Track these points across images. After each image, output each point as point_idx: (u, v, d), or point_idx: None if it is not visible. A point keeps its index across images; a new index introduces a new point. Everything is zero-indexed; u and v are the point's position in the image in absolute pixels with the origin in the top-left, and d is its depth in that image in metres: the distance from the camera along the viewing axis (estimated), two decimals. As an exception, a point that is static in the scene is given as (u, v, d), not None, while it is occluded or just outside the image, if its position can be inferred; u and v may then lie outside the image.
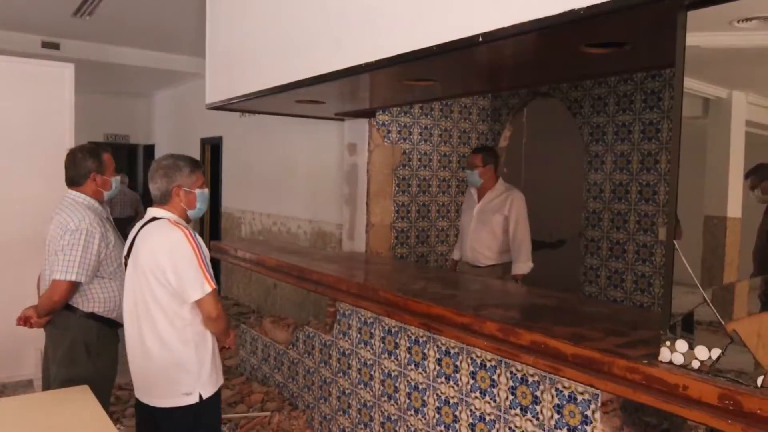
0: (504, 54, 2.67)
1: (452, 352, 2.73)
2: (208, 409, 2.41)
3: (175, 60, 7.76)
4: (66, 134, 4.46)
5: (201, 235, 7.81)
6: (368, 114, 4.78)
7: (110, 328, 2.86)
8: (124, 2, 5.47)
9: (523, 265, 3.89)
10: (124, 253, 2.39)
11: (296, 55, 3.34)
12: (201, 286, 2.26)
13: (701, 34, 1.74)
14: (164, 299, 2.27)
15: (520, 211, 3.96)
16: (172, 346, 2.30)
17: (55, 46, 6.89)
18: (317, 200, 5.91)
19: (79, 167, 2.84)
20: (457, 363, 2.70)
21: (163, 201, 2.40)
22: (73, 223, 2.70)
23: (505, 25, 2.14)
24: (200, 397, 2.35)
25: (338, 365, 3.54)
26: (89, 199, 2.83)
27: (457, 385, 2.71)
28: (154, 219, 2.38)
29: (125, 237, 2.58)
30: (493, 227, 3.94)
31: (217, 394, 2.45)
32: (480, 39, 2.25)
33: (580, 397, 2.21)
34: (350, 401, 3.43)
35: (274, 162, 6.53)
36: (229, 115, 7.12)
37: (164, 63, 7.69)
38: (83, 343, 2.81)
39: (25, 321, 2.80)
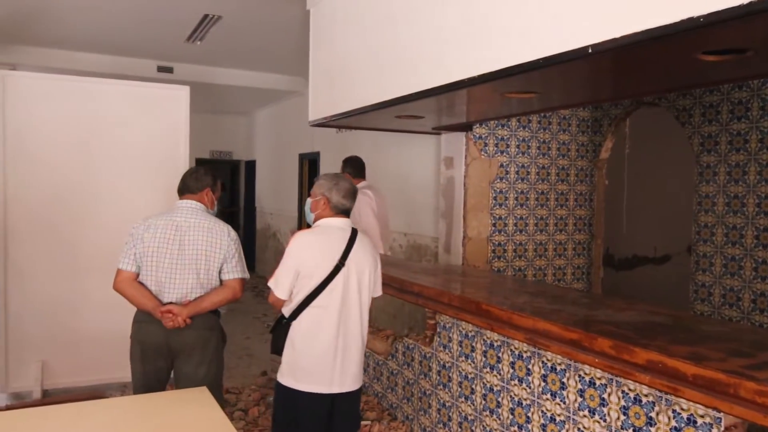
0: (612, 65, 2.62)
1: (558, 368, 2.67)
2: None
3: (276, 79, 8.13)
4: (181, 152, 4.78)
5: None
6: (465, 127, 4.80)
7: None
8: (231, 27, 5.81)
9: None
10: (338, 256, 2.57)
11: (398, 71, 3.43)
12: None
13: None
14: (368, 295, 2.70)
15: (361, 206, 4.55)
16: (365, 334, 2.73)
17: (169, 70, 7.41)
18: (412, 213, 5.97)
19: (201, 180, 3.09)
20: (564, 380, 2.65)
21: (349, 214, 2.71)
22: (228, 229, 3.02)
23: (617, 35, 2.10)
24: None
25: (438, 378, 3.55)
26: (206, 207, 3.06)
27: (564, 403, 2.65)
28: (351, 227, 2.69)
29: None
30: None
31: None
32: (590, 50, 2.22)
33: (700, 420, 2.10)
34: (451, 414, 3.44)
35: (369, 176, 6.65)
36: (326, 131, 7.36)
37: (266, 83, 8.09)
38: (222, 343, 3.12)
39: (171, 313, 2.89)
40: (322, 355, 2.56)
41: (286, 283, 2.56)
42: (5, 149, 4.23)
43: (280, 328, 2.65)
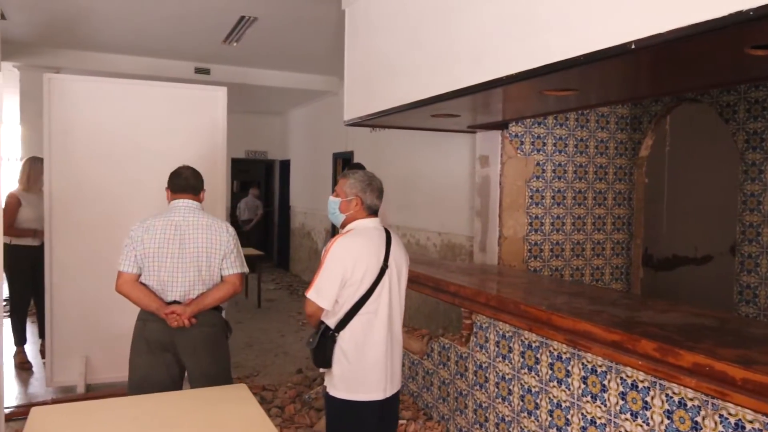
0: (655, 60, 2.56)
1: (599, 370, 2.63)
2: None
3: (310, 79, 8.19)
4: (219, 151, 4.86)
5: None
6: (501, 126, 4.75)
7: None
8: (267, 29, 5.87)
9: None
10: (382, 258, 2.51)
11: (434, 69, 3.41)
12: None
13: None
14: (404, 294, 2.64)
15: None
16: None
17: (206, 72, 7.53)
18: (447, 212, 5.94)
19: (199, 181, 3.19)
20: (605, 382, 2.60)
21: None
22: (226, 225, 3.10)
23: (661, 30, 2.05)
24: None
25: (475, 378, 3.53)
26: (201, 205, 3.15)
27: (605, 406, 2.61)
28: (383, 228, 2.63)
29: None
30: None
31: None
32: (632, 46, 2.17)
33: (748, 426, 2.04)
34: (487, 415, 3.41)
35: (403, 175, 6.67)
36: (360, 130, 7.38)
37: (300, 83, 8.15)
38: (228, 335, 3.15)
39: (175, 314, 2.93)
40: (376, 363, 2.48)
41: (331, 293, 2.42)
42: (51, 151, 4.36)
43: (326, 340, 2.48)
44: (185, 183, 3.12)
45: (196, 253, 2.98)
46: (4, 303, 7.28)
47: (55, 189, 4.37)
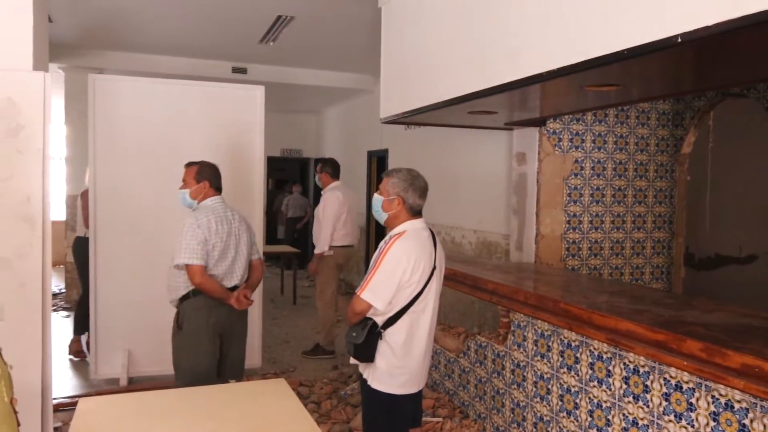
0: (700, 54, 2.50)
1: (642, 370, 2.58)
2: None
3: (346, 78, 8.23)
4: (257, 150, 4.92)
5: (369, 242, 8.10)
6: (538, 123, 4.70)
7: None
8: (303, 28, 5.92)
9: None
10: (433, 259, 2.56)
11: (472, 66, 3.39)
12: None
13: None
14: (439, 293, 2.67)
15: (327, 203, 5.58)
16: None
17: (243, 71, 7.63)
18: (482, 210, 5.91)
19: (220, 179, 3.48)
20: (648, 383, 2.55)
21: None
22: (245, 217, 3.52)
23: (709, 23, 2.00)
24: None
25: (512, 377, 3.50)
26: None
27: (648, 407, 2.56)
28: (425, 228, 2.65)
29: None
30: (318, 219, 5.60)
31: None
32: (678, 40, 2.12)
33: (800, 430, 1.98)
34: (525, 414, 3.38)
35: (438, 173, 6.64)
36: (395, 128, 7.38)
37: (336, 81, 8.20)
38: None
39: (246, 297, 3.32)
40: (419, 358, 2.56)
41: (387, 295, 2.45)
42: (95, 149, 4.48)
43: (373, 336, 2.51)
44: (219, 182, 3.44)
45: (242, 244, 3.37)
46: (57, 293, 7.53)
47: (99, 186, 4.49)
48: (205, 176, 3.34)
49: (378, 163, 8.83)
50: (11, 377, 1.49)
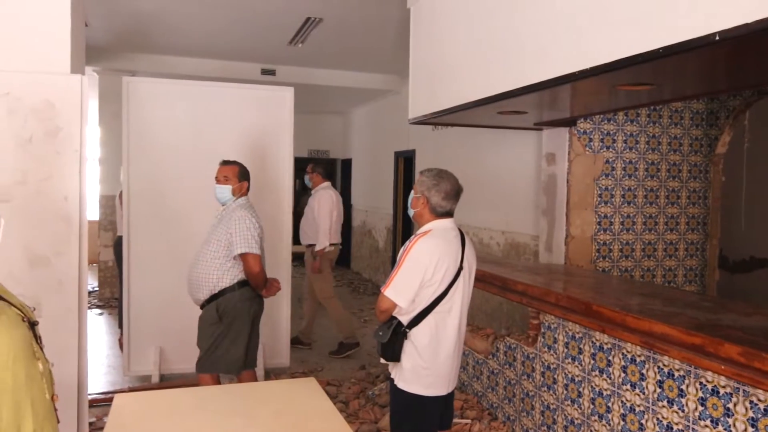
0: (738, 52, 2.45)
1: (677, 374, 2.54)
2: None
3: (373, 79, 8.25)
4: (285, 150, 4.97)
5: (396, 243, 8.09)
6: (568, 123, 4.65)
7: None
8: (331, 29, 5.95)
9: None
10: (459, 259, 2.54)
11: (502, 66, 3.37)
12: None
13: None
14: (470, 295, 2.65)
15: (322, 202, 5.76)
16: None
17: (272, 73, 7.70)
18: (510, 211, 5.87)
19: None
20: (683, 387, 2.51)
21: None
22: None
23: (749, 21, 1.96)
24: None
25: (542, 379, 3.47)
26: None
27: (683, 411, 2.51)
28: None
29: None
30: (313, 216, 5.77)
31: None
32: (716, 38, 2.08)
33: (844, 437, 1.93)
34: (555, 417, 3.35)
35: (465, 173, 6.57)
36: (422, 128, 7.38)
37: (363, 82, 8.22)
38: None
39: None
40: (446, 359, 2.53)
41: (410, 293, 2.45)
42: (129, 149, 4.56)
43: (398, 336, 2.51)
44: (249, 182, 3.69)
45: (264, 240, 3.61)
46: (90, 291, 7.68)
47: (132, 187, 4.58)
48: (246, 177, 3.63)
49: (405, 163, 8.83)
50: (52, 375, 1.52)
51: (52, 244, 3.03)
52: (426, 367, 2.51)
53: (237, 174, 3.55)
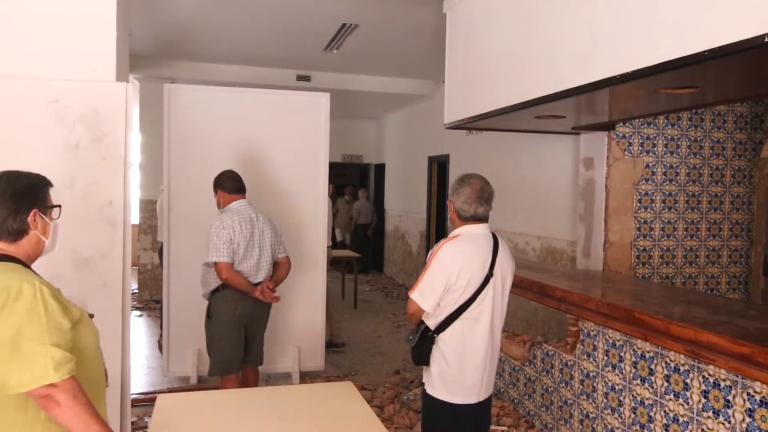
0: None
1: (723, 384, 2.47)
2: None
3: (407, 84, 8.26)
4: (321, 155, 5.02)
5: (429, 247, 8.04)
6: (607, 127, 4.58)
7: None
8: (366, 35, 5.99)
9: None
10: (488, 265, 2.48)
11: (541, 70, 3.34)
12: None
13: None
14: (506, 301, 2.59)
15: None
16: None
17: (307, 79, 7.78)
18: (547, 216, 5.80)
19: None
20: (729, 397, 2.44)
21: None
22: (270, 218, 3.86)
23: (801, 21, 1.91)
24: None
25: (581, 387, 3.42)
26: None
27: (729, 423, 2.45)
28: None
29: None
30: None
31: None
32: (765, 39, 2.03)
33: None
34: (595, 426, 3.29)
35: (500, 178, 6.56)
36: (456, 133, 7.36)
37: (397, 87, 8.24)
38: None
39: (271, 290, 3.67)
40: (475, 368, 2.46)
41: (434, 297, 2.42)
42: (169, 156, 4.66)
43: (425, 340, 2.50)
44: (240, 185, 3.74)
45: (267, 242, 3.70)
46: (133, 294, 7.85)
47: (173, 191, 4.67)
48: (218, 185, 3.76)
49: (439, 168, 8.82)
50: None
51: (97, 246, 3.12)
52: (452, 373, 2.46)
53: (214, 187, 3.79)
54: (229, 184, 3.73)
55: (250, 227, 3.62)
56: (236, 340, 3.65)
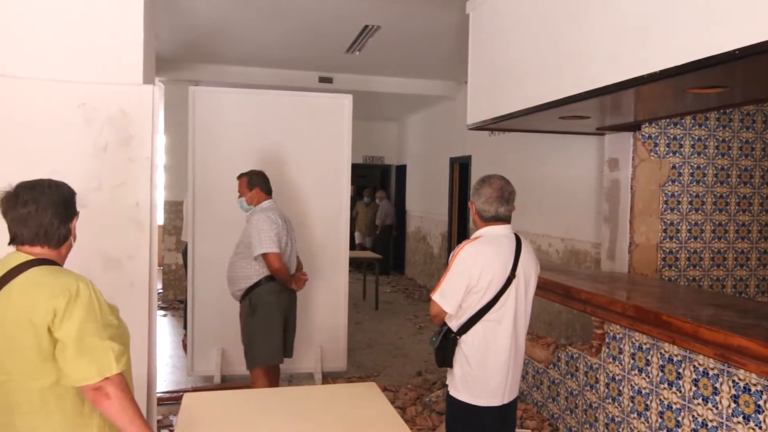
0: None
1: (753, 389, 2.43)
2: None
3: (429, 85, 8.25)
4: (344, 156, 5.04)
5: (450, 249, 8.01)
6: (632, 127, 4.52)
7: None
8: (388, 37, 5.99)
9: None
10: (510, 267, 2.45)
11: (565, 70, 3.31)
12: None
13: None
14: (531, 303, 2.57)
15: None
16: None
17: (329, 80, 7.81)
18: (570, 218, 5.75)
19: None
20: (761, 402, 2.40)
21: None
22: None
23: (836, 18, 1.87)
24: None
25: (607, 391, 3.38)
26: None
27: (760, 428, 2.40)
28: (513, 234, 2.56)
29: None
30: None
31: None
32: (799, 37, 1.99)
33: None
34: (620, 430, 3.25)
35: (523, 179, 6.52)
36: (479, 134, 7.33)
37: (419, 88, 8.24)
38: None
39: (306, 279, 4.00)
40: (498, 370, 2.44)
41: (456, 298, 2.41)
42: (194, 156, 4.71)
43: (447, 342, 2.50)
44: (270, 186, 3.96)
45: (293, 238, 3.93)
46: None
47: (197, 192, 4.72)
48: (256, 183, 3.89)
49: (461, 169, 8.79)
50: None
51: (124, 247, 3.16)
52: (474, 375, 2.44)
53: (246, 184, 3.89)
54: (265, 185, 3.92)
55: (286, 224, 3.84)
56: (280, 331, 3.82)
